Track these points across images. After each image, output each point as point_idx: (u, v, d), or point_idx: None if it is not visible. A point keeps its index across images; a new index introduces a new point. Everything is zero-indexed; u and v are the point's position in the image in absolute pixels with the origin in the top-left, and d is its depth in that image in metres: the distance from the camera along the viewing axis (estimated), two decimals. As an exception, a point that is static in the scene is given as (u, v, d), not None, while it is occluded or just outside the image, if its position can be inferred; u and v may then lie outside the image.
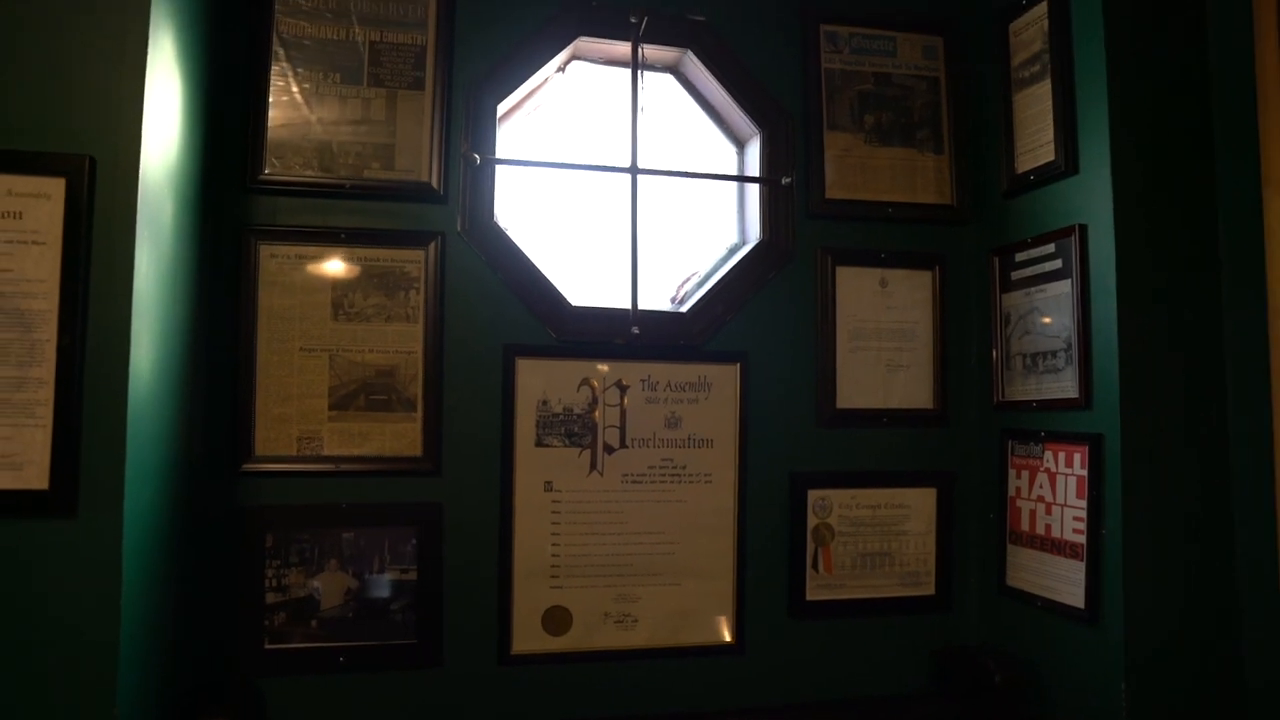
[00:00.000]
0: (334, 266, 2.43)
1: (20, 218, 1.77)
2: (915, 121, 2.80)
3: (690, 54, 2.68)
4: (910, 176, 2.78)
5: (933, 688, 2.72)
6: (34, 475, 1.74)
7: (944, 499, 2.74)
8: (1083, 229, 2.39)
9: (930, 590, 2.74)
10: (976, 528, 2.77)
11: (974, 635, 2.76)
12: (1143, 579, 2.27)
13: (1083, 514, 2.37)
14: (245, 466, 2.35)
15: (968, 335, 2.80)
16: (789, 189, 2.69)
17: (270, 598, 2.35)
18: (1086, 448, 2.36)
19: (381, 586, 2.42)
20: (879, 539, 2.71)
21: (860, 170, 2.74)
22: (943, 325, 2.77)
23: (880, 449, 2.73)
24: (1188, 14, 2.45)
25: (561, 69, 2.72)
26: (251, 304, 2.38)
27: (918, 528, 2.73)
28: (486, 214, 2.52)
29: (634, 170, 2.60)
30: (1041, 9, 2.55)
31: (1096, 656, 2.33)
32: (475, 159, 2.50)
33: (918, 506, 2.73)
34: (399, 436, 2.44)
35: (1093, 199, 2.38)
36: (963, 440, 2.79)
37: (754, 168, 2.74)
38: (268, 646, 2.35)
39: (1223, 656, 2.30)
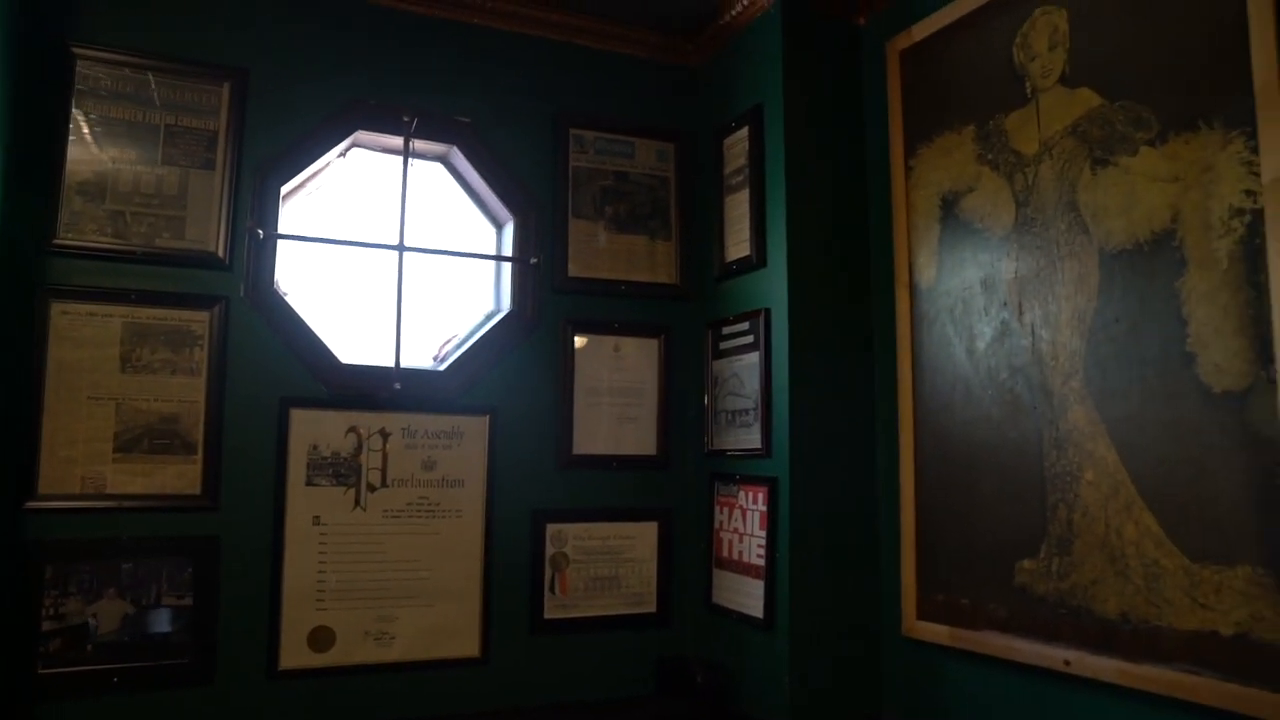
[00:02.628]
0: (123, 324, 2.73)
1: None
2: (649, 213, 3.35)
3: (456, 149, 3.14)
4: (643, 259, 3.32)
5: (655, 691, 3.22)
6: None
7: (664, 531, 3.27)
8: (768, 312, 2.98)
9: (653, 608, 3.25)
10: (691, 555, 3.31)
11: (689, 645, 3.28)
12: (805, 594, 2.84)
13: (764, 542, 2.93)
14: (28, 504, 2.59)
15: (688, 393, 3.36)
16: (537, 267, 3.18)
17: (46, 625, 2.59)
18: (767, 488, 2.93)
19: (158, 612, 2.70)
20: (609, 565, 3.20)
21: (599, 253, 3.26)
22: (667, 385, 3.31)
23: (611, 488, 3.23)
24: (851, 146, 3.10)
25: (343, 154, 3.12)
26: (41, 356, 2.64)
27: (642, 555, 3.24)
28: (267, 281, 2.88)
29: (400, 248, 3.03)
30: (745, 131, 3.15)
31: (771, 656, 2.88)
32: (259, 234, 2.87)
33: (642, 537, 3.24)
34: (180, 476, 2.75)
35: (774, 287, 2.97)
36: (681, 482, 3.34)
37: (509, 247, 3.21)
38: (41, 671, 2.57)
39: (866, 655, 2.90)
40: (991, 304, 2.63)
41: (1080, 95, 2.44)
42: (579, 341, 3.21)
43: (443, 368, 3.07)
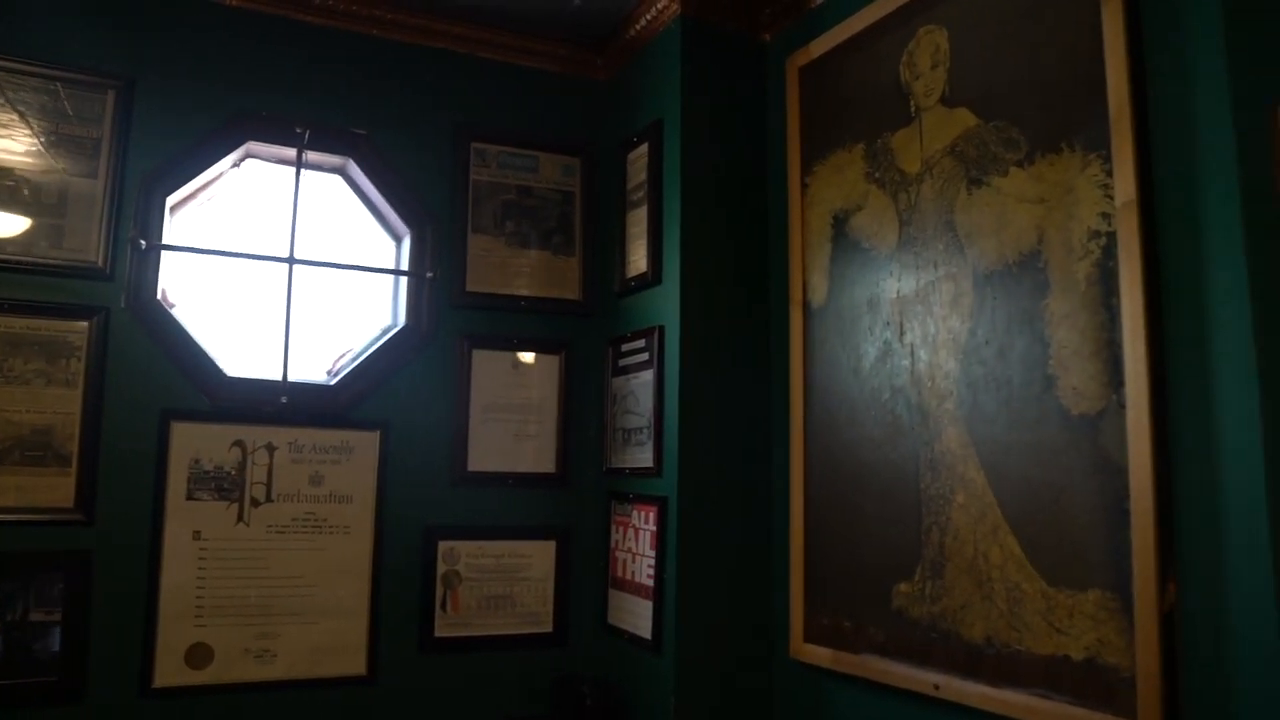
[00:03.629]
0: (-5, 334, 2.68)
1: None
2: (552, 228, 3.32)
3: (352, 161, 3.11)
4: (544, 275, 3.29)
5: (549, 712, 3.17)
6: None
7: (563, 550, 3.23)
8: (661, 329, 2.95)
9: (549, 628, 3.20)
10: (590, 574, 3.26)
11: (585, 666, 3.23)
12: (694, 615, 2.81)
13: (654, 562, 2.90)
14: (-119, 522, 2.54)
15: (588, 410, 3.32)
16: (433, 281, 3.14)
17: (-94, 643, 2.54)
18: (657, 508, 2.90)
19: (26, 628, 2.64)
20: (503, 584, 3.15)
21: (499, 268, 3.23)
22: (567, 401, 3.27)
23: (507, 506, 3.19)
24: (753, 163, 3.09)
25: (237, 165, 3.08)
26: (-97, 366, 2.59)
27: (539, 574, 3.20)
28: (150, 292, 2.83)
29: (291, 260, 2.99)
30: (645, 146, 3.13)
31: (658, 678, 2.84)
32: (142, 244, 2.82)
33: (539, 556, 3.20)
34: (53, 490, 2.69)
35: (668, 305, 2.95)
36: (580, 500, 3.29)
37: (407, 261, 3.18)
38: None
39: (755, 678, 2.86)
40: (876, 323, 2.61)
41: (958, 115, 2.43)
42: (477, 357, 3.17)
43: (334, 382, 3.03)
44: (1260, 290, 1.76)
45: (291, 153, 3.05)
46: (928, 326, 2.45)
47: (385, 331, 3.16)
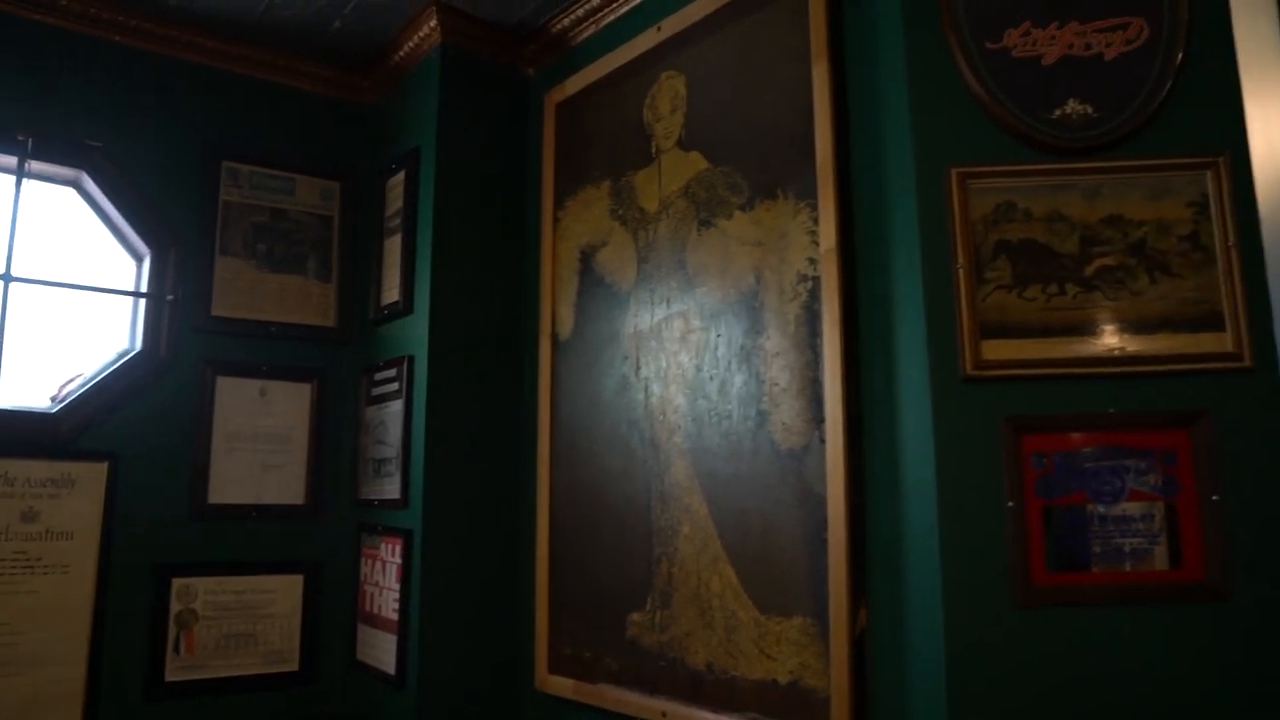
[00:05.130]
0: None
1: None
2: (307, 253, 3.22)
3: (86, 174, 2.92)
4: (297, 300, 3.18)
5: (296, 755, 3.05)
6: None
7: (311, 584, 3.11)
8: (411, 359, 2.91)
9: (295, 667, 3.07)
10: (339, 610, 3.16)
11: (333, 705, 3.12)
12: (438, 650, 2.76)
13: (399, 595, 2.84)
14: None
15: (342, 440, 3.22)
16: (174, 304, 2.98)
17: None
18: (403, 540, 2.84)
19: None
20: (245, 621, 3.01)
21: (248, 292, 3.10)
22: (318, 431, 3.17)
23: (252, 540, 3.05)
24: (511, 196, 3.10)
25: (-50, 173, 2.84)
26: None
27: (284, 610, 3.07)
28: None
29: (7, 278, 2.77)
30: (403, 174, 3.09)
31: (403, 715, 2.77)
32: None
33: (285, 591, 3.07)
34: None
35: (418, 334, 2.91)
36: (330, 532, 3.18)
37: (147, 282, 3.01)
38: None
39: (503, 712, 2.84)
40: (615, 357, 2.67)
41: (692, 158, 2.53)
42: (221, 384, 3.03)
43: (55, 409, 2.82)
44: (937, 336, 1.91)
45: (12, 161, 2.83)
46: (661, 361, 2.53)
47: (120, 356, 2.97)
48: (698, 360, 2.42)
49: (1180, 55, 1.97)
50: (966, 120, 2.00)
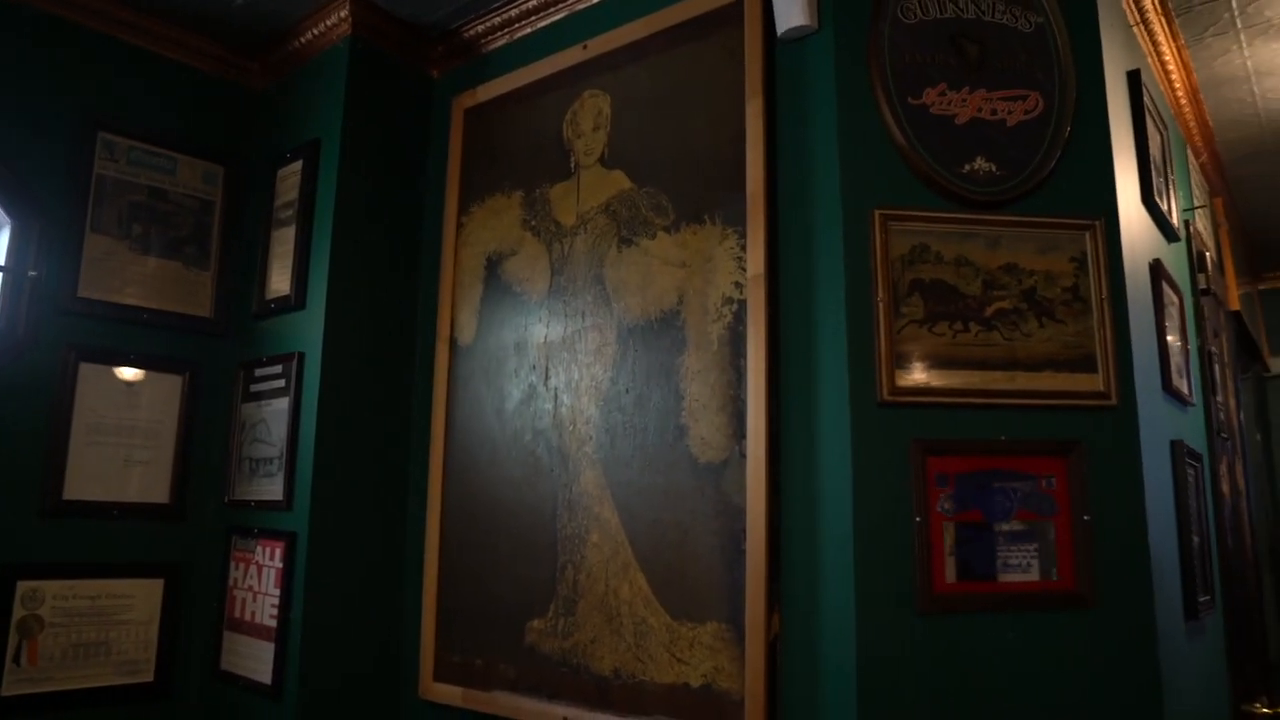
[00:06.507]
0: None
1: None
2: (186, 237, 3.05)
3: (-60, 135, 2.66)
4: (173, 287, 3.01)
5: (142, 772, 2.85)
6: None
7: (172, 589, 2.93)
8: (301, 356, 2.82)
9: (150, 677, 2.87)
10: (204, 616, 2.99)
11: (192, 718, 2.94)
12: (319, 658, 2.67)
13: (278, 601, 2.73)
14: None
15: (214, 438, 3.06)
16: (36, 281, 2.75)
17: None
18: (285, 543, 2.74)
19: None
20: (97, 629, 2.79)
21: (120, 275, 2.90)
22: (189, 427, 2.99)
23: (110, 541, 2.83)
24: (411, 196, 3.07)
25: None
26: None
27: (141, 617, 2.87)
28: None
29: None
30: (299, 165, 2.99)
31: (277, 728, 2.67)
32: None
33: (144, 596, 2.88)
34: None
35: (311, 331, 2.82)
36: (197, 534, 3.01)
37: (5, 255, 2.76)
38: None
39: (379, 718, 2.79)
40: (522, 366, 2.69)
41: (614, 176, 2.61)
42: (84, 371, 2.81)
43: (-113, 393, 2.54)
44: (856, 360, 2.07)
45: None
46: (572, 372, 2.58)
47: (-29, 335, 2.71)
48: (613, 373, 2.49)
49: (1068, 129, 2.24)
50: (889, 167, 2.19)
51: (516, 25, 2.94)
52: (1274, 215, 4.98)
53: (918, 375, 2.10)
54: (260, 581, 2.80)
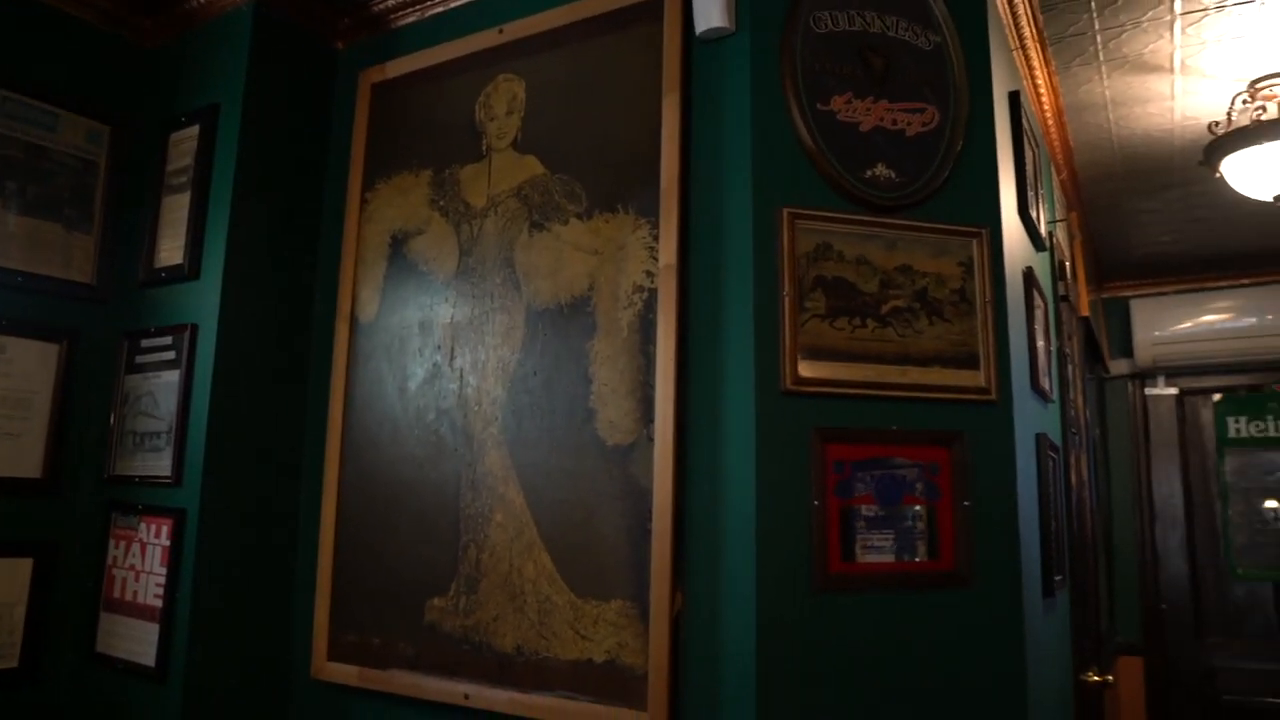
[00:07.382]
0: None
1: None
2: (66, 198, 2.89)
3: None
4: (51, 251, 2.85)
5: (5, 759, 2.71)
6: None
7: (42, 569, 2.79)
8: (194, 328, 2.73)
9: (14, 663, 2.73)
10: (79, 597, 2.86)
11: (64, 703, 2.81)
12: (207, 638, 2.61)
13: (164, 580, 2.64)
14: None
15: (93, 410, 2.93)
16: (-101, 240, 2.58)
17: None
18: (173, 520, 2.65)
19: None
20: (-43, 611, 2.64)
21: (-7, 235, 2.74)
22: (65, 398, 2.85)
23: (-29, 517, 2.69)
24: (312, 169, 3.01)
25: None
26: None
27: (7, 599, 2.72)
28: None
29: None
30: (195, 130, 2.89)
31: (161, 709, 2.58)
32: None
33: (10, 577, 2.73)
34: None
35: (206, 302, 2.74)
36: (72, 511, 2.87)
37: None
38: None
39: (273, 701, 2.74)
40: (426, 345, 2.69)
41: (527, 161, 2.63)
42: (-50, 336, 2.65)
43: None
44: (762, 350, 2.18)
45: None
46: (479, 353, 2.60)
47: None
48: (520, 355, 2.52)
49: (960, 143, 2.41)
50: (797, 168, 2.30)
51: (427, 3, 2.92)
52: (1116, 233, 5.42)
53: (819, 367, 2.22)
54: (144, 560, 2.71)
